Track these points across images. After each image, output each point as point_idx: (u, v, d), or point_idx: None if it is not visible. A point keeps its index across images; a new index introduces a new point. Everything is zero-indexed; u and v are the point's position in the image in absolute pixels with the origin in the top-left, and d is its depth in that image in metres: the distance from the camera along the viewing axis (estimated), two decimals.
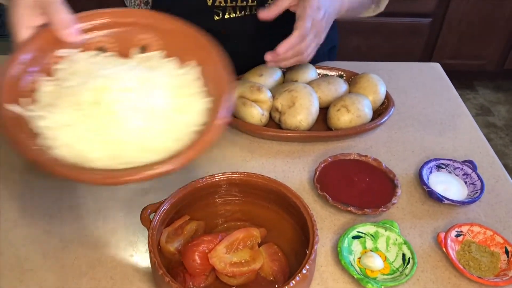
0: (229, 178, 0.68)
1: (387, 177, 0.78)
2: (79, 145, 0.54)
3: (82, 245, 0.68)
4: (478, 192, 0.77)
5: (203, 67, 0.65)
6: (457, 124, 0.94)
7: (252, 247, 0.64)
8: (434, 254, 0.70)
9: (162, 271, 0.56)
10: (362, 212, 0.72)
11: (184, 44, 0.66)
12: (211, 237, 0.63)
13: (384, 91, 0.92)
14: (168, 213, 0.65)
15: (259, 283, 0.63)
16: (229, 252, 0.62)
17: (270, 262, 0.64)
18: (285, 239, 0.68)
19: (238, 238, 0.63)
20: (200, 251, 0.62)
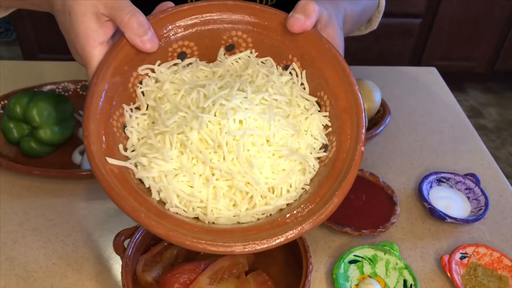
0: None
1: (385, 194, 0.72)
2: (196, 196, 0.43)
3: (49, 274, 0.61)
4: (483, 208, 0.71)
5: (310, 69, 0.50)
6: (457, 134, 0.89)
7: (239, 276, 0.58)
8: (438, 278, 0.64)
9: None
10: (359, 233, 0.66)
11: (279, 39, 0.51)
12: (192, 266, 0.57)
13: (380, 99, 0.86)
14: (144, 239, 0.58)
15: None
16: (213, 283, 0.56)
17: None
18: (275, 266, 0.61)
19: (223, 266, 0.57)
20: (180, 283, 0.55)
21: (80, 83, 0.87)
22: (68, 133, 0.77)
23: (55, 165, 0.74)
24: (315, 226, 0.42)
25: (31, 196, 0.71)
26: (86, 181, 0.74)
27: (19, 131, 0.74)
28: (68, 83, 0.87)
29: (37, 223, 0.68)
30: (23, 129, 0.74)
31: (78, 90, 0.87)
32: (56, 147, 0.77)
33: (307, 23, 0.48)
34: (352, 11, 0.64)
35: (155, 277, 0.57)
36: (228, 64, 0.52)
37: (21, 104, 0.73)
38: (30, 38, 2.10)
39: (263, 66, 0.52)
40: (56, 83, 0.86)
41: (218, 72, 0.51)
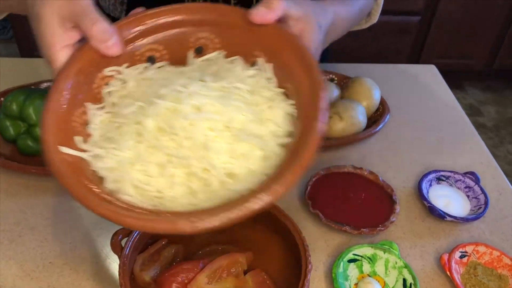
0: None
1: (384, 192, 0.72)
2: (152, 185, 0.43)
3: (46, 273, 0.61)
4: (482, 207, 0.71)
5: (276, 62, 0.50)
6: (456, 132, 0.88)
7: (237, 275, 0.57)
8: (437, 277, 0.64)
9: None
10: (358, 232, 0.66)
11: (245, 36, 0.51)
12: (191, 265, 0.56)
13: (379, 96, 0.86)
14: (142, 238, 0.57)
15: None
16: (211, 282, 0.55)
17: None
18: (274, 265, 0.61)
19: (222, 265, 0.57)
20: (178, 282, 0.55)
21: None
22: None
23: None
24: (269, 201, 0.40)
25: (28, 195, 0.70)
26: None
27: (15, 129, 0.73)
28: None
29: (35, 221, 0.67)
30: (19, 127, 0.73)
31: None
32: None
33: (269, 15, 0.49)
34: (346, 13, 0.63)
35: (153, 276, 0.57)
36: (197, 65, 0.52)
37: (17, 102, 0.72)
38: (27, 35, 2.09)
39: (230, 63, 0.51)
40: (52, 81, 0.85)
41: (184, 72, 0.51)
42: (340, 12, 0.61)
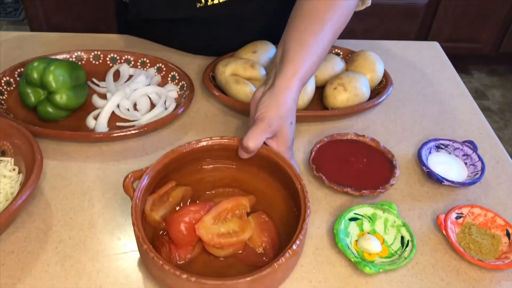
0: (218, 143, 0.65)
1: (385, 158, 0.75)
2: None
3: (66, 227, 0.65)
4: (479, 173, 0.75)
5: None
6: (457, 105, 0.92)
7: (241, 216, 0.61)
8: (434, 236, 0.68)
9: (146, 246, 0.53)
10: (359, 193, 0.70)
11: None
12: (198, 207, 0.60)
13: (382, 70, 0.89)
14: (153, 180, 0.61)
15: (248, 254, 0.61)
16: (216, 223, 0.60)
17: (259, 233, 0.61)
18: (275, 209, 0.66)
19: (227, 208, 0.61)
20: (186, 222, 0.59)
21: (93, 52, 0.90)
22: (83, 99, 0.81)
23: (70, 129, 0.77)
24: None
25: (47, 158, 0.74)
26: (99, 144, 0.77)
27: (36, 96, 0.77)
28: (81, 52, 0.90)
29: (54, 182, 0.71)
30: (39, 94, 0.78)
31: (91, 60, 0.90)
32: (71, 112, 0.80)
33: (246, 155, 0.64)
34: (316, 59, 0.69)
35: (162, 215, 0.62)
36: None
37: (37, 70, 0.76)
38: (38, 16, 2.12)
39: None
40: (69, 52, 0.89)
41: None
42: (307, 70, 0.68)
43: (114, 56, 0.91)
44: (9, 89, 0.83)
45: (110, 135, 0.75)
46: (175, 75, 0.89)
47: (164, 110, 0.83)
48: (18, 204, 0.60)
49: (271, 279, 0.55)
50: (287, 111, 0.66)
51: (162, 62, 0.91)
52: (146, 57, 0.91)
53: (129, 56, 0.91)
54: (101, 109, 0.81)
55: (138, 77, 0.87)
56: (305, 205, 0.58)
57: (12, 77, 0.84)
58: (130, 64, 0.91)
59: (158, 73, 0.91)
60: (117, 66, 0.91)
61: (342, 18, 0.73)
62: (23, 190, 0.61)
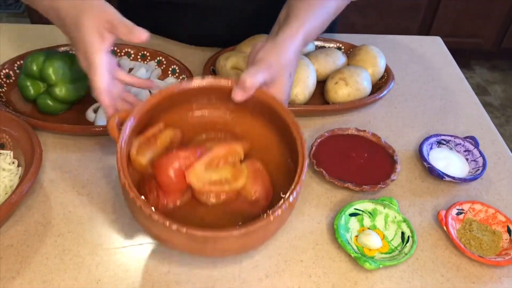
0: (211, 84, 0.59)
1: (386, 153, 0.75)
2: None
3: (66, 221, 0.65)
4: (480, 169, 0.74)
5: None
6: (458, 100, 0.91)
7: (234, 164, 0.58)
8: (434, 232, 0.67)
9: (133, 193, 0.49)
10: (360, 189, 0.69)
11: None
12: (188, 152, 0.56)
13: (384, 64, 0.89)
14: (140, 122, 0.57)
15: (240, 203, 0.58)
16: (208, 170, 0.56)
17: (252, 181, 0.58)
18: (270, 157, 0.62)
19: (219, 154, 0.57)
20: (175, 168, 0.55)
21: None
22: (83, 92, 0.80)
23: (69, 122, 0.77)
24: None
25: (47, 151, 0.74)
26: (99, 138, 0.77)
27: (35, 88, 0.77)
28: None
29: (54, 175, 0.71)
30: (39, 87, 0.77)
31: None
32: (71, 105, 0.80)
33: (244, 96, 0.58)
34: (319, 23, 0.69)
35: (149, 160, 0.57)
36: None
37: (37, 63, 0.75)
38: None
39: None
40: (69, 45, 0.88)
41: None
42: (311, 29, 0.67)
43: (114, 49, 0.91)
44: (8, 82, 0.83)
45: None
46: (176, 69, 0.89)
47: None
48: (17, 197, 0.60)
49: (264, 231, 0.53)
50: (288, 60, 0.62)
51: (162, 55, 0.90)
52: (146, 50, 0.91)
53: (129, 49, 0.91)
54: None
55: (138, 70, 0.87)
56: (303, 155, 0.54)
57: (12, 70, 0.83)
58: (130, 57, 0.91)
59: (158, 66, 0.90)
60: (117, 59, 0.90)
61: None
62: (22, 184, 0.61)
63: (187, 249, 0.53)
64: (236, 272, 0.60)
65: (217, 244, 0.51)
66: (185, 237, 0.49)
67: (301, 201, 0.70)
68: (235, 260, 0.61)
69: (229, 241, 0.50)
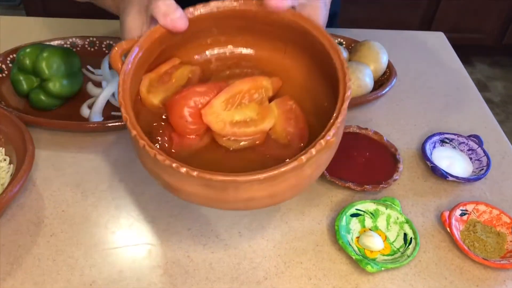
0: (232, 8, 0.48)
1: (388, 152, 0.73)
2: None
3: (59, 220, 0.63)
4: (484, 168, 0.72)
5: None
6: (462, 97, 0.89)
7: (261, 102, 0.49)
8: (437, 233, 0.66)
9: (136, 132, 0.42)
10: (361, 189, 0.67)
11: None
12: (206, 88, 0.48)
13: (386, 60, 0.87)
14: (148, 54, 0.48)
15: (269, 147, 0.49)
16: (230, 108, 0.48)
17: (283, 122, 0.49)
18: (305, 94, 0.51)
19: (242, 90, 0.48)
20: (190, 106, 0.47)
21: (88, 39, 0.88)
22: (77, 87, 0.78)
23: (63, 118, 0.75)
24: None
25: (40, 147, 0.72)
26: (94, 134, 0.75)
27: (28, 83, 0.75)
28: (76, 39, 0.87)
29: (47, 172, 0.69)
30: (32, 82, 0.75)
31: (86, 46, 0.88)
32: (65, 100, 0.78)
33: (281, 3, 0.47)
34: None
35: (162, 99, 0.49)
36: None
37: (30, 57, 0.73)
38: (35, 1, 2.09)
39: None
40: (64, 39, 0.86)
41: None
42: None
43: (111, 42, 0.89)
44: (0, 76, 0.81)
45: (104, 125, 0.73)
46: None
47: None
48: (8, 196, 0.58)
49: (296, 177, 0.43)
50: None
51: None
52: None
53: None
54: (96, 98, 0.78)
55: None
56: (344, 84, 0.43)
57: (4, 64, 0.81)
58: None
59: None
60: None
61: None
62: (14, 181, 0.59)
63: (204, 201, 0.44)
64: (234, 274, 0.59)
65: (239, 191, 0.42)
66: (199, 184, 0.41)
67: (301, 200, 0.68)
68: (233, 261, 0.60)
69: (253, 188, 0.41)
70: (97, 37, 0.88)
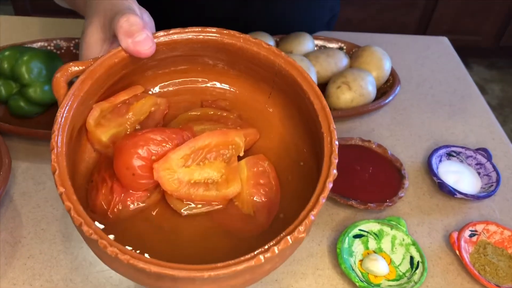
0: (214, 39, 0.42)
1: (393, 167, 0.69)
2: None
3: (37, 240, 0.58)
4: (494, 185, 0.68)
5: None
6: (468, 107, 0.85)
7: (229, 161, 0.41)
8: (445, 256, 0.61)
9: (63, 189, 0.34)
10: (364, 207, 0.63)
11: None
12: (165, 135, 0.39)
13: (390, 67, 0.82)
14: (103, 80, 0.40)
15: (230, 216, 0.41)
16: (190, 165, 0.40)
17: (252, 187, 0.42)
18: (285, 148, 0.44)
19: (210, 144, 0.40)
20: (142, 156, 0.38)
21: (73, 40, 0.82)
22: None
23: (44, 127, 0.69)
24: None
25: (19, 158, 0.67)
26: None
27: (7, 89, 0.69)
28: (60, 41, 0.82)
29: (26, 187, 0.64)
30: (11, 87, 0.70)
31: (71, 48, 0.82)
32: (47, 107, 0.72)
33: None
34: None
35: (113, 136, 0.41)
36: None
37: (9, 60, 0.68)
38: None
39: None
40: (47, 40, 0.81)
41: None
42: None
43: None
44: None
45: None
46: None
47: None
48: None
49: (251, 274, 0.36)
50: None
51: None
52: None
53: None
54: None
55: None
56: (329, 165, 0.37)
57: None
58: None
59: None
60: None
61: None
62: None
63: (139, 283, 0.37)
64: None
65: (177, 283, 0.34)
66: (131, 268, 0.33)
67: None
68: None
69: (195, 284, 0.34)
70: None
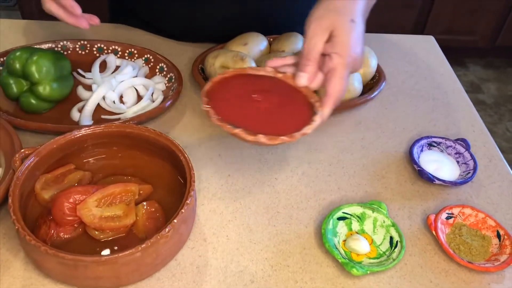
0: (123, 130, 0.66)
1: (305, 101, 0.62)
2: None
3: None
4: (471, 172, 0.73)
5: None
6: (451, 101, 0.90)
7: (129, 203, 0.62)
8: (423, 237, 0.66)
9: (15, 217, 0.53)
10: (254, 139, 0.57)
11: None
12: (84, 189, 0.60)
13: (376, 64, 0.87)
14: (46, 159, 0.62)
15: (129, 239, 0.60)
16: (101, 206, 0.60)
17: (145, 220, 0.61)
18: (170, 192, 0.66)
19: (114, 192, 0.61)
20: (70, 202, 0.59)
21: (79, 42, 0.88)
22: (67, 91, 0.78)
23: (53, 121, 0.75)
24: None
25: None
26: None
27: (18, 86, 0.75)
28: (67, 42, 0.87)
29: None
30: (22, 85, 0.75)
31: (77, 49, 0.88)
32: (55, 103, 0.78)
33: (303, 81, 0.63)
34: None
35: (52, 195, 0.61)
36: None
37: (20, 60, 0.74)
38: (30, 2, 2.08)
39: None
40: (55, 42, 0.87)
41: None
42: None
43: (101, 46, 0.89)
44: None
45: None
46: (163, 67, 0.87)
47: (151, 102, 0.81)
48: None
49: (136, 264, 0.54)
50: (343, 5, 0.58)
51: (150, 53, 0.88)
52: (134, 47, 0.89)
53: (117, 46, 0.89)
54: (86, 101, 0.79)
55: (125, 68, 0.85)
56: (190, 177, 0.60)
57: None
58: (117, 55, 0.89)
59: (146, 64, 0.89)
60: (104, 56, 0.88)
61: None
62: (1, 186, 0.59)
63: (61, 277, 0.56)
64: (221, 277, 0.59)
65: (87, 270, 0.52)
66: (55, 262, 0.52)
67: (289, 204, 0.69)
68: (220, 265, 0.60)
69: (99, 269, 0.53)
70: (88, 40, 0.89)
